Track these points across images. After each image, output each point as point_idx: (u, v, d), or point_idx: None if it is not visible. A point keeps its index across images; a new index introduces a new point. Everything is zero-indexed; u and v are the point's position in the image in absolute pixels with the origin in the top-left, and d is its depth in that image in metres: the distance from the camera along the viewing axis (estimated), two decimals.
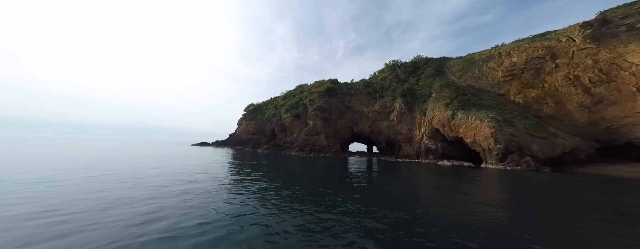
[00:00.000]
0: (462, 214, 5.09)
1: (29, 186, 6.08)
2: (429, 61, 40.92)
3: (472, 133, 24.37)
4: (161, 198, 5.55)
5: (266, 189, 7.62)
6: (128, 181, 7.40)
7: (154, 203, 5.27)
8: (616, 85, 21.52)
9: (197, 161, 15.56)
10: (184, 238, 3.62)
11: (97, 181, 7.26)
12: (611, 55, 22.05)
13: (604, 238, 4.16)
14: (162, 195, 5.99)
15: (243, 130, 62.25)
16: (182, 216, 4.50)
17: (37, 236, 3.47)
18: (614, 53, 21.89)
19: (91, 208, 4.51)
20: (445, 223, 4.56)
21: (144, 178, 8.06)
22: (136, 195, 5.66)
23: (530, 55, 27.72)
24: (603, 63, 22.42)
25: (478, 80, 31.82)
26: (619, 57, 21.62)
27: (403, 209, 5.10)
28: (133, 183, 7.02)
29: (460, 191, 8.13)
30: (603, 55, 22.50)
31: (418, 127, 32.35)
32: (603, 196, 8.67)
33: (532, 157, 19.59)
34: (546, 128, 23.63)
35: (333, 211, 5.01)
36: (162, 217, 4.40)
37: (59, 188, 6.03)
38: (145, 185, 6.84)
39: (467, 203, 6.42)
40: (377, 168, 16.97)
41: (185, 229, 3.97)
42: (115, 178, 7.92)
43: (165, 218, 4.33)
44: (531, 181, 12.16)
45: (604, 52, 22.52)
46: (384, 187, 8.77)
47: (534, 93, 26.36)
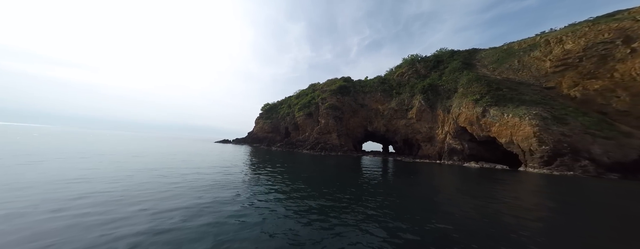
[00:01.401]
0: (489, 223, 4.23)
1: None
2: (454, 54, 37.07)
3: (508, 132, 20.91)
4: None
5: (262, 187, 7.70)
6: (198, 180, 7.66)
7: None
8: None
9: (217, 158, 15.99)
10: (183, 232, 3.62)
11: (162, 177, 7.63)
12: None
13: None
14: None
15: (259, 128, 65.72)
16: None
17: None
18: None
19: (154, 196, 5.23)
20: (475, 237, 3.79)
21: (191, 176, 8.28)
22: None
23: (592, 40, 22.68)
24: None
25: (517, 72, 27.37)
26: None
27: (420, 221, 4.43)
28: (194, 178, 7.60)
29: (489, 196, 6.85)
30: None
31: (441, 126, 29.31)
32: None
33: (591, 161, 15.72)
34: (616, 126, 18.78)
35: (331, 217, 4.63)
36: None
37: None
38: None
39: (497, 209, 5.36)
40: (392, 169, 15.48)
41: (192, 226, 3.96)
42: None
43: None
44: (595, 191, 9.57)
45: None
46: (396, 191, 7.87)
47: (598, 85, 21.34)
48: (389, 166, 17.91)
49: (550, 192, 8.58)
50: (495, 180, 11.57)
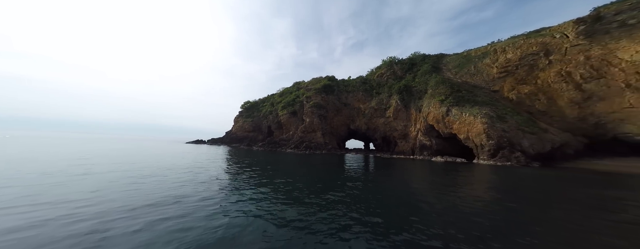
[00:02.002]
0: (449, 211, 5.12)
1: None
2: (425, 58, 40.87)
3: (465, 129, 24.67)
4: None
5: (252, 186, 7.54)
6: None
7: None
8: (606, 81, 21.89)
9: (180, 160, 14.87)
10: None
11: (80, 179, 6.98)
12: (602, 51, 22.30)
13: (590, 234, 4.24)
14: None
15: (239, 127, 61.85)
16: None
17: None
18: (605, 50, 22.14)
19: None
20: (433, 219, 4.56)
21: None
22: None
23: (525, 51, 27.85)
24: (594, 60, 22.70)
25: (473, 77, 31.97)
26: (609, 53, 21.89)
27: (396, 210, 5.07)
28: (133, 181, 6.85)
29: (451, 189, 8.20)
30: (595, 52, 22.74)
31: (413, 124, 32.58)
32: (590, 190, 8.94)
33: (522, 153, 20.03)
34: (537, 124, 24.08)
35: (324, 211, 4.96)
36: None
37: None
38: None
39: (458, 200, 6.47)
40: (372, 166, 17.06)
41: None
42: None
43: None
44: (522, 177, 12.42)
45: (595, 49, 22.75)
46: (377, 184, 8.76)
47: (527, 90, 26.68)
48: (370, 163, 19.49)
49: (494, 180, 10.70)
50: (456, 171, 13.79)
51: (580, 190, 8.54)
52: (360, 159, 23.52)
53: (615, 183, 10.77)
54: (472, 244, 3.53)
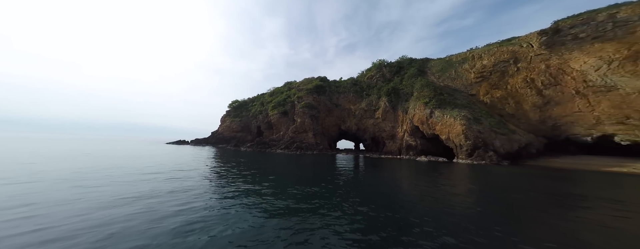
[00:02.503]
0: (432, 207, 5.56)
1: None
2: (412, 61, 42.86)
3: (446, 130, 26.57)
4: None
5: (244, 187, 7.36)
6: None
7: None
8: (561, 88, 25.06)
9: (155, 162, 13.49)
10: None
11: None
12: (559, 61, 25.40)
13: (549, 219, 5.05)
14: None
15: (226, 127, 59.40)
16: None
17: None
18: (561, 59, 25.25)
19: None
20: (419, 216, 4.88)
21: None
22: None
23: (498, 58, 30.62)
24: (553, 68, 25.79)
25: (454, 81, 34.37)
26: (564, 63, 25.03)
27: (384, 207, 5.35)
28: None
29: (435, 186, 8.84)
30: (553, 61, 25.83)
31: (400, 125, 34.17)
32: (548, 185, 10.32)
33: (494, 152, 22.23)
34: (507, 125, 26.80)
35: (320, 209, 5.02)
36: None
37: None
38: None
39: (440, 196, 7.02)
40: (362, 165, 17.68)
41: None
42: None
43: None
44: (495, 174, 13.83)
45: (554, 58, 25.83)
46: (367, 183, 9.08)
47: (499, 94, 29.46)
48: (360, 163, 20.21)
49: (472, 177, 11.81)
50: (437, 170, 14.87)
51: (541, 185, 9.80)
52: (350, 159, 24.17)
53: (566, 179, 12.52)
54: (454, 233, 3.86)
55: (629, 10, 21.46)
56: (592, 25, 23.50)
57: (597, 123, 22.53)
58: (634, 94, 20.14)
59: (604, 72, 21.91)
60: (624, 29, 21.37)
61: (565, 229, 4.56)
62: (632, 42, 20.67)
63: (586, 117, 23.25)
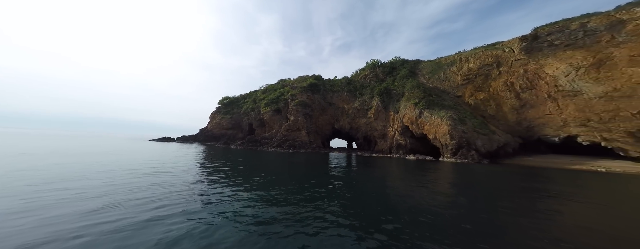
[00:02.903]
0: (419, 203, 5.94)
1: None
2: (404, 63, 43.80)
3: (434, 130, 27.89)
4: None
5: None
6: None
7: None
8: (535, 91, 27.16)
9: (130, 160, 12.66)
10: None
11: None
12: (535, 66, 27.36)
13: (522, 212, 5.64)
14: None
15: (216, 124, 57.52)
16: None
17: None
18: (538, 65, 27.22)
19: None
20: (405, 209, 5.19)
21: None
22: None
23: (483, 62, 32.26)
24: (530, 73, 27.76)
25: (442, 83, 35.79)
26: (540, 68, 27.02)
27: (376, 206, 5.59)
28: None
29: (422, 183, 9.38)
30: (531, 66, 27.76)
31: (391, 124, 35.21)
32: (523, 181, 11.46)
33: (476, 151, 23.83)
34: (488, 126, 28.70)
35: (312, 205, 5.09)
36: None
37: None
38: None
39: (426, 193, 7.47)
40: (354, 164, 18.27)
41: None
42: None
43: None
44: (477, 172, 14.92)
45: (531, 63, 27.76)
46: (358, 179, 9.38)
47: (482, 96, 31.27)
48: (352, 161, 20.82)
49: (456, 175, 12.67)
50: (425, 168, 15.69)
51: (515, 182, 10.79)
52: (343, 157, 24.71)
53: (536, 176, 13.87)
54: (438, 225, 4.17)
55: (597, 20, 23.45)
56: (566, 33, 25.41)
57: (564, 125, 24.91)
58: (594, 99, 22.42)
59: (572, 77, 24.02)
60: (592, 38, 23.39)
61: (530, 217, 5.16)
62: (597, 50, 22.75)
63: (555, 119, 25.57)
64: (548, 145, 27.42)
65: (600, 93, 21.98)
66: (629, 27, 21.08)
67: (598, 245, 3.99)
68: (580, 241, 4.09)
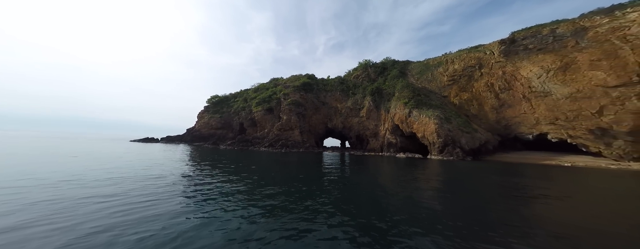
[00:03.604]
0: (407, 199, 6.19)
1: None
2: (395, 63, 44.92)
3: (422, 129, 29.08)
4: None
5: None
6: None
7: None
8: (512, 92, 29.32)
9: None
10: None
11: None
12: (512, 68, 29.48)
13: (499, 204, 6.18)
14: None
15: (204, 124, 55.21)
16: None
17: None
18: (514, 67, 29.34)
19: None
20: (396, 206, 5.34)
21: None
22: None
23: (466, 64, 34.08)
24: (507, 75, 29.86)
25: (430, 83, 37.30)
26: (516, 70, 29.17)
27: (365, 203, 5.69)
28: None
29: (410, 180, 9.75)
30: (508, 68, 29.85)
31: (383, 123, 36.12)
32: (501, 176, 12.45)
33: (460, 149, 25.28)
34: (471, 125, 30.52)
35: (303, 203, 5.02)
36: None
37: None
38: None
39: (415, 189, 7.78)
40: (347, 162, 18.62)
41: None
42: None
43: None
44: (463, 169, 15.86)
45: (509, 65, 29.85)
46: (351, 178, 9.48)
47: (466, 96, 33.11)
48: (345, 160, 21.26)
49: (444, 172, 13.34)
50: (414, 165, 16.32)
51: (494, 177, 11.63)
52: (336, 157, 24.98)
53: (513, 171, 15.07)
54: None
55: (564, 27, 25.75)
56: (538, 37, 27.62)
57: (536, 123, 27.25)
58: (561, 99, 24.75)
59: (543, 79, 26.26)
60: (560, 43, 25.67)
61: (504, 205, 5.58)
62: (564, 54, 25.03)
63: (529, 118, 27.87)
64: (523, 142, 29.85)
65: (566, 94, 24.30)
66: (590, 34, 23.43)
67: (561, 230, 4.50)
68: (548, 228, 4.51)
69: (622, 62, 21.04)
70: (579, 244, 3.96)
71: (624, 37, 21.21)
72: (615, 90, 21.16)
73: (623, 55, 21.07)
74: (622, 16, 21.89)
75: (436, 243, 3.81)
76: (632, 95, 20.32)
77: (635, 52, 20.50)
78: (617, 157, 21.26)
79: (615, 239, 4.26)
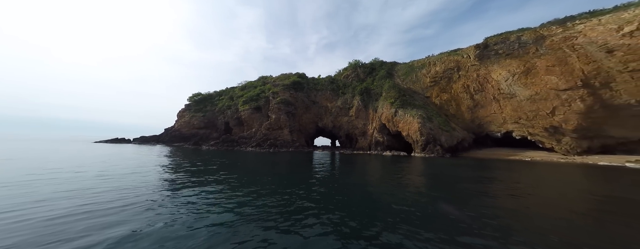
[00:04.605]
0: (391, 196, 6.56)
1: None
2: (383, 64, 46.30)
3: (407, 128, 30.72)
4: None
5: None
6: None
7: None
8: (485, 93, 32.28)
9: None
10: None
11: None
12: (485, 71, 32.34)
13: (472, 194, 7.03)
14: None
15: (185, 123, 51.79)
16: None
17: None
18: (487, 70, 32.22)
19: None
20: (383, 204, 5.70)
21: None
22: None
23: (446, 66, 36.49)
24: (481, 77, 32.71)
25: (414, 84, 39.29)
26: (488, 74, 32.08)
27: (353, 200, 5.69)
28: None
29: (396, 178, 10.35)
30: (482, 71, 32.69)
31: (371, 122, 37.33)
32: (474, 171, 13.81)
33: (440, 146, 27.31)
34: (450, 124, 33.02)
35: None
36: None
37: None
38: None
39: (400, 185, 8.28)
40: (337, 161, 19.05)
41: None
42: None
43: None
44: (442, 165, 17.17)
45: (482, 69, 32.68)
46: (341, 176, 9.73)
47: (446, 97, 35.61)
48: (335, 159, 21.67)
49: (424, 168, 14.36)
50: (398, 163, 17.31)
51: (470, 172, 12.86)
52: (326, 155, 25.40)
53: (484, 166, 16.80)
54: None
55: (528, 35, 28.79)
56: (506, 43, 30.54)
57: (504, 122, 30.49)
58: (523, 101, 27.97)
59: (510, 82, 29.31)
60: (524, 49, 28.72)
61: (474, 196, 6.24)
62: (526, 60, 28.12)
63: (498, 118, 31.05)
64: (493, 139, 33.24)
65: (527, 96, 27.49)
66: (547, 42, 26.59)
67: (521, 210, 5.21)
68: (507, 208, 5.18)
69: (570, 69, 24.37)
70: (530, 217, 5.17)
71: (572, 46, 24.48)
72: (565, 93, 24.52)
73: (571, 62, 24.40)
74: (572, 27, 25.11)
75: (412, 232, 4.12)
76: (576, 97, 23.75)
77: (580, 60, 23.86)
78: (565, 152, 24.86)
79: (555, 216, 5.42)
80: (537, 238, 3.99)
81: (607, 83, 22.54)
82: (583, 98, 23.43)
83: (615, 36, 21.46)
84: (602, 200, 7.34)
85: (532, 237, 4.04)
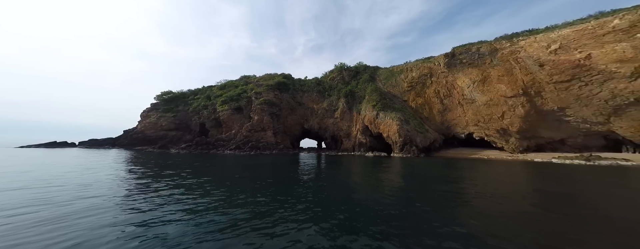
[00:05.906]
0: (372, 193, 6.87)
1: None
2: (366, 68, 48.13)
3: (387, 129, 32.70)
4: None
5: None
6: None
7: None
8: (452, 98, 36.40)
9: None
10: None
11: None
12: (452, 78, 36.39)
13: (438, 192, 7.39)
14: None
15: (151, 124, 45.85)
16: None
17: None
18: (453, 77, 36.29)
19: None
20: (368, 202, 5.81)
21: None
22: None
23: (421, 72, 39.91)
24: (449, 84, 36.73)
25: (394, 88, 41.99)
26: (454, 81, 36.20)
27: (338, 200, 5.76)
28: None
29: (377, 177, 10.88)
30: (449, 78, 36.70)
31: (355, 124, 38.62)
32: (442, 169, 15.55)
33: (416, 147, 29.84)
34: (424, 126, 36.30)
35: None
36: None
37: None
38: None
39: (380, 184, 8.71)
40: (323, 162, 19.26)
41: None
42: None
43: None
44: (417, 164, 18.76)
45: (450, 76, 36.68)
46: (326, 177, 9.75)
47: (420, 101, 39.01)
48: (320, 160, 22.06)
49: (401, 167, 15.44)
50: (379, 163, 18.28)
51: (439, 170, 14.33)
52: (312, 157, 25.42)
53: (450, 164, 18.95)
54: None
55: (485, 47, 33.24)
56: (469, 53, 34.79)
57: (467, 124, 34.94)
58: (481, 106, 32.47)
59: (471, 89, 33.63)
60: (482, 60, 33.13)
61: (437, 189, 7.08)
62: (483, 69, 32.58)
63: (462, 121, 35.42)
64: (459, 140, 37.78)
65: (484, 102, 31.97)
66: (499, 55, 31.21)
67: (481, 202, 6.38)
68: (477, 202, 5.94)
69: (514, 78, 29.15)
70: (486, 203, 6.79)
71: (516, 59, 29.24)
72: (511, 99, 29.25)
73: (515, 73, 29.19)
74: (516, 42, 29.89)
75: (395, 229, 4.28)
76: (518, 104, 28.59)
77: (521, 71, 28.69)
78: (512, 150, 29.73)
79: (502, 201, 7.15)
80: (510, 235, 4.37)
81: (539, 92, 27.68)
82: (523, 105, 28.33)
83: (545, 52, 26.39)
84: (548, 196, 9.07)
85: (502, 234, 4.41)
